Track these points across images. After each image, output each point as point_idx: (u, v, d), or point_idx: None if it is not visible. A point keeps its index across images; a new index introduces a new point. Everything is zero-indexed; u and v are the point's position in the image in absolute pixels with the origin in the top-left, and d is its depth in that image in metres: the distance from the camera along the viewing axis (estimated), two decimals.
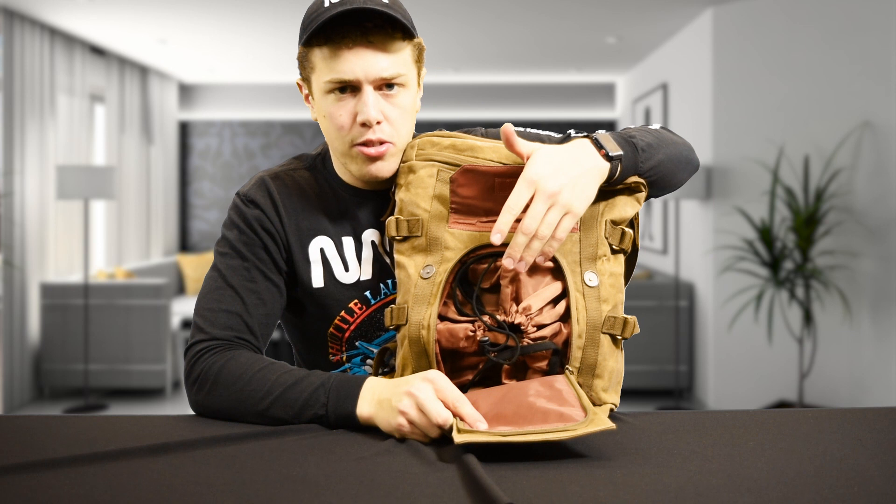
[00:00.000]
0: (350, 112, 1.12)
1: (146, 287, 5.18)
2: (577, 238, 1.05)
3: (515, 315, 1.02)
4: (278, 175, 1.24)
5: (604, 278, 1.05)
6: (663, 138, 1.18)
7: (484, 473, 0.79)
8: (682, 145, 1.21)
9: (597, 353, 1.02)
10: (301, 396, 1.02)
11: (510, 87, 7.88)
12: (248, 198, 1.21)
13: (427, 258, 1.08)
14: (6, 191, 4.87)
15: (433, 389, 0.95)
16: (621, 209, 1.09)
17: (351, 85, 1.11)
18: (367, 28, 1.09)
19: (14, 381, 4.91)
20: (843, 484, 0.79)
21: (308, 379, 1.04)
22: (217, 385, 1.08)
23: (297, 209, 1.21)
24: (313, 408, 1.02)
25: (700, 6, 4.84)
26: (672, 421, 1.03)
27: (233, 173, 7.97)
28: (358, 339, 1.22)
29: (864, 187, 4.36)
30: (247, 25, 5.40)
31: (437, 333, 1.03)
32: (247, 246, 1.18)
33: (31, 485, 0.80)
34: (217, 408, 1.08)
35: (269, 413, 1.04)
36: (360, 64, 1.09)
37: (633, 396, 5.17)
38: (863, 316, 4.36)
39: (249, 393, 1.05)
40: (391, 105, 1.13)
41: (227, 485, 0.80)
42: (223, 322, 1.14)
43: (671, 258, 5.72)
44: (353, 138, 1.13)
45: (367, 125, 1.12)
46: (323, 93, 1.13)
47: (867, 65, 4.34)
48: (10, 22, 4.94)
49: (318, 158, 1.27)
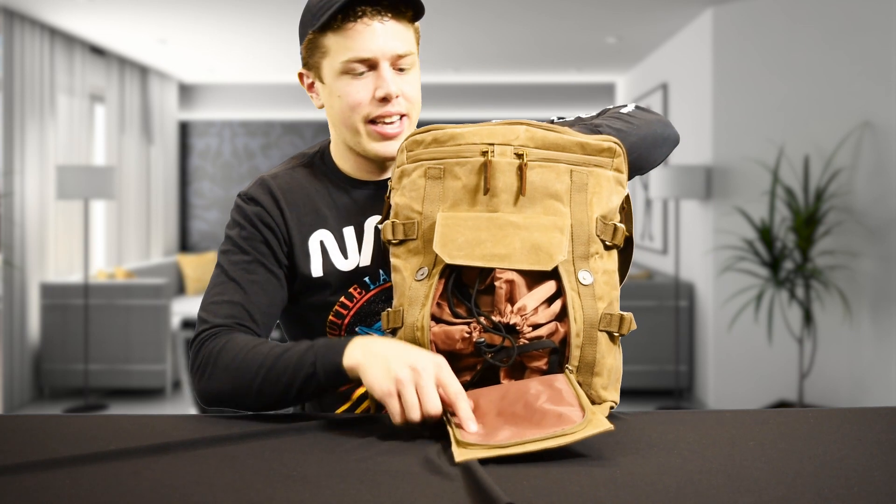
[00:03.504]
0: (368, 88, 1.17)
1: (146, 287, 5.18)
2: (568, 238, 1.05)
3: (510, 315, 1.02)
4: (278, 175, 1.27)
5: (598, 276, 1.05)
6: (635, 120, 1.19)
7: (484, 473, 0.79)
8: (654, 122, 1.22)
9: (595, 351, 1.02)
10: (291, 362, 1.05)
11: (510, 87, 7.88)
12: (248, 196, 1.24)
13: (422, 260, 1.08)
14: (6, 191, 4.87)
15: (436, 376, 0.96)
16: (607, 201, 1.08)
17: (368, 63, 1.16)
18: (383, 7, 1.15)
19: (14, 381, 4.91)
20: (843, 484, 0.79)
21: (297, 346, 1.07)
22: (216, 368, 1.10)
23: (298, 205, 1.24)
24: (303, 369, 1.04)
25: (700, 6, 4.84)
26: (672, 421, 1.03)
27: (233, 173, 7.97)
28: (357, 325, 1.23)
29: (864, 187, 4.36)
30: (247, 25, 5.41)
31: (432, 335, 1.03)
32: (248, 241, 1.21)
33: (31, 485, 0.80)
34: (217, 391, 1.10)
35: (264, 388, 1.06)
36: (378, 42, 1.15)
37: (633, 396, 5.17)
38: (863, 316, 4.36)
39: (245, 370, 1.07)
40: (404, 81, 1.19)
41: (228, 484, 0.80)
42: (225, 312, 1.16)
43: (671, 258, 5.72)
44: (368, 114, 1.18)
45: (387, 99, 1.17)
46: (337, 74, 1.18)
47: (867, 65, 4.34)
48: (10, 22, 4.95)
49: (317, 155, 1.30)
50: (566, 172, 1.06)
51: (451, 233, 1.04)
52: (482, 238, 1.03)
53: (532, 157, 1.06)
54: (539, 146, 1.07)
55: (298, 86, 7.80)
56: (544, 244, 1.02)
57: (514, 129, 1.08)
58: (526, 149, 1.06)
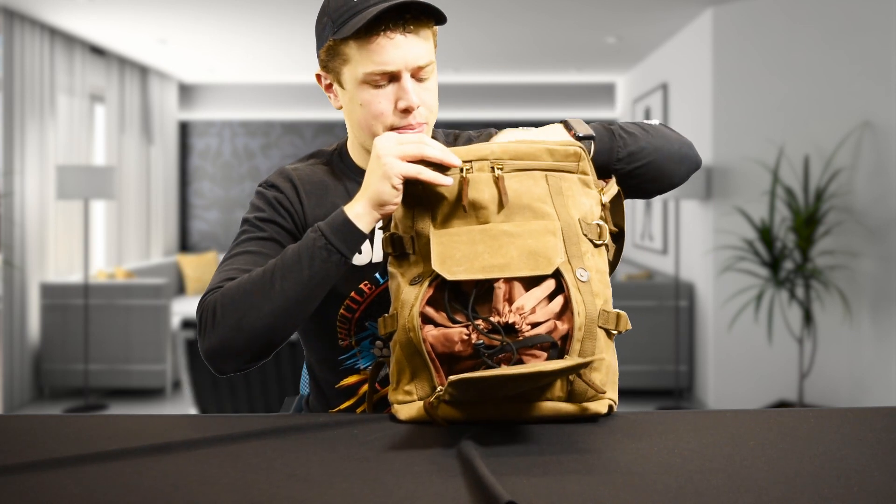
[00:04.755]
0: (390, 99, 1.18)
1: (146, 287, 5.18)
2: (561, 239, 1.05)
3: (509, 315, 1.02)
4: (298, 167, 1.31)
5: (592, 274, 1.06)
6: (654, 131, 1.22)
7: (486, 472, 0.79)
8: (676, 140, 1.24)
9: (594, 346, 1.02)
10: (297, 250, 1.09)
11: (510, 87, 7.88)
12: (269, 183, 1.28)
13: (420, 269, 1.08)
14: (6, 191, 4.87)
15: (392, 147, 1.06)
16: (581, 203, 1.10)
17: (390, 75, 1.17)
18: (406, 19, 1.15)
19: (14, 381, 4.91)
20: (843, 484, 0.79)
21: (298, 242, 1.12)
22: (224, 310, 1.09)
23: (316, 197, 1.27)
24: (311, 247, 1.09)
25: (700, 6, 4.85)
26: (672, 421, 1.03)
27: (233, 173, 7.97)
28: (367, 320, 1.24)
29: (864, 187, 4.36)
30: (247, 25, 5.41)
31: (432, 339, 1.03)
32: (265, 222, 1.23)
33: (31, 485, 0.80)
34: (227, 335, 1.08)
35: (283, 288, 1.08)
36: (400, 54, 1.16)
37: (633, 396, 5.17)
38: (863, 316, 4.37)
39: (256, 289, 1.09)
40: (425, 89, 1.20)
41: (230, 483, 0.80)
42: (231, 276, 1.16)
43: (671, 258, 5.72)
44: (392, 123, 1.19)
45: (408, 111, 1.18)
46: (358, 83, 1.18)
47: (867, 65, 4.34)
48: (10, 22, 4.95)
49: (335, 153, 1.33)
50: (542, 178, 1.10)
51: (448, 250, 1.05)
52: (479, 251, 1.04)
53: (508, 168, 1.09)
54: (513, 157, 1.10)
55: (298, 86, 7.82)
56: (541, 249, 1.03)
57: (488, 146, 1.10)
58: (501, 161, 1.09)
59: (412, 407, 1.03)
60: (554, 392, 1.01)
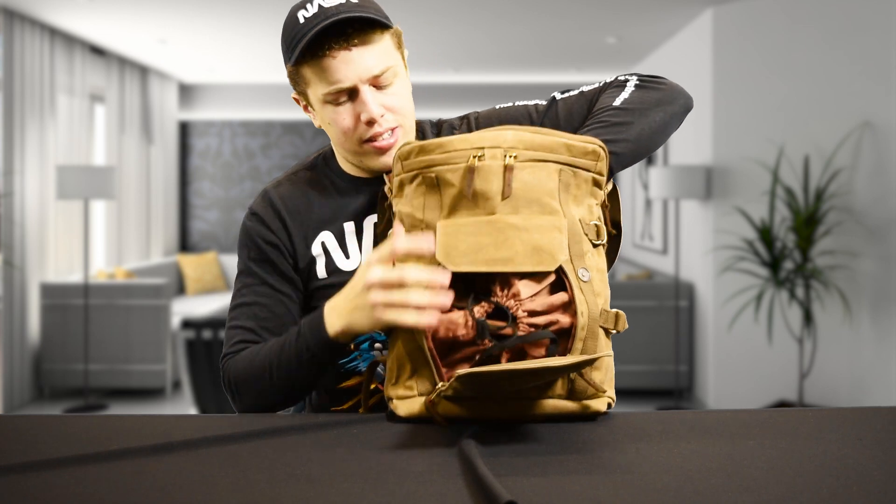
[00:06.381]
0: (352, 114, 1.18)
1: (146, 287, 5.18)
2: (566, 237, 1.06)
3: (504, 299, 1.03)
4: (281, 182, 1.32)
5: (593, 273, 1.06)
6: (630, 116, 1.17)
7: (486, 471, 0.79)
8: (654, 108, 1.20)
9: (596, 345, 1.03)
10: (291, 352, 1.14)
11: (510, 87, 7.88)
12: (252, 211, 1.30)
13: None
14: (6, 191, 4.87)
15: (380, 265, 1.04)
16: (583, 203, 1.09)
17: (347, 91, 1.17)
18: (349, 34, 1.14)
19: (14, 381, 4.91)
20: (843, 484, 0.79)
21: (288, 337, 1.15)
22: (240, 389, 1.20)
23: (300, 210, 1.27)
24: (304, 355, 1.13)
25: (700, 6, 4.85)
26: (672, 421, 1.03)
27: (233, 173, 7.97)
28: None
29: (864, 187, 4.36)
30: (247, 25, 5.41)
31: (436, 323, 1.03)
32: (255, 262, 1.27)
33: (31, 485, 0.80)
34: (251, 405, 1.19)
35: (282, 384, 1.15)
36: (351, 69, 1.15)
37: (633, 396, 5.17)
38: (863, 316, 4.37)
39: (258, 379, 1.17)
40: (388, 95, 1.19)
41: (231, 483, 0.80)
42: (237, 338, 1.24)
43: (671, 258, 5.72)
44: (360, 136, 1.20)
45: (371, 122, 1.18)
46: (321, 104, 1.20)
47: (867, 65, 4.34)
48: (10, 22, 4.95)
49: (320, 157, 1.34)
50: (556, 172, 1.07)
51: (453, 241, 1.04)
52: (484, 243, 1.03)
53: (523, 157, 1.07)
54: (528, 147, 1.08)
55: None
56: (545, 245, 1.03)
57: (503, 134, 1.09)
58: (516, 150, 1.07)
59: (413, 403, 1.03)
60: (555, 390, 1.02)
